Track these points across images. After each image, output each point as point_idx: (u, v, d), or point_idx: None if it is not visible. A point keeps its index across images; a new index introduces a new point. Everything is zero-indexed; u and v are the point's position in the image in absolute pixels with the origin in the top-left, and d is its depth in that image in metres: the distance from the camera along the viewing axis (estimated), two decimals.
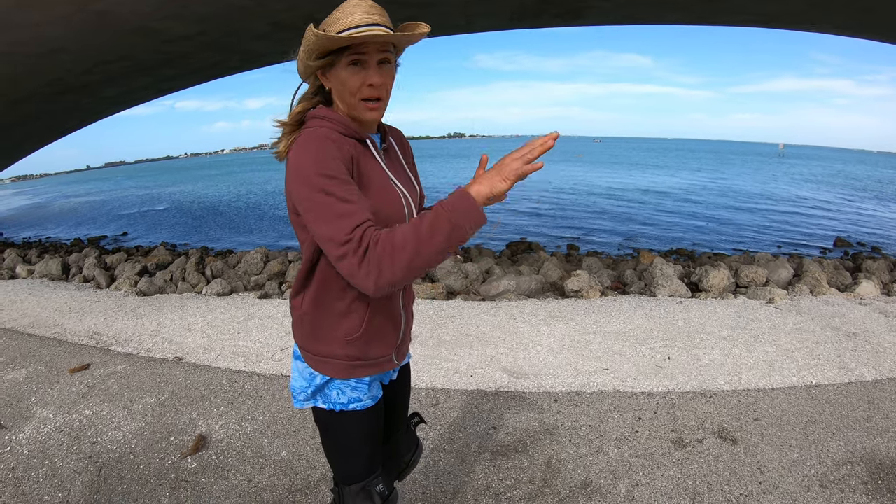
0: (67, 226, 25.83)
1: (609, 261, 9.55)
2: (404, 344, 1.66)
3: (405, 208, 1.46)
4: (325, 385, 1.52)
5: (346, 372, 1.50)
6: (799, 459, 2.89)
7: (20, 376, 4.34)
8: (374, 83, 1.34)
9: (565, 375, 3.99)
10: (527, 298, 6.19)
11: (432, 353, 4.47)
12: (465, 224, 1.16)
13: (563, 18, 14.06)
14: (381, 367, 1.57)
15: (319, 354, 1.50)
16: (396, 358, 1.63)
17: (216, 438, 3.25)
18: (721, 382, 3.84)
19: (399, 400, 1.84)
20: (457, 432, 3.24)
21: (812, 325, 4.97)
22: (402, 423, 1.88)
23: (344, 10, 1.31)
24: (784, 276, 6.83)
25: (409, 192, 1.51)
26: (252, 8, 11.38)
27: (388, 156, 1.53)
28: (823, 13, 12.01)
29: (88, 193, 52.10)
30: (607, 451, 3.01)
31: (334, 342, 1.48)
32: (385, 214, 1.38)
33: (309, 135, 1.31)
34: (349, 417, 1.54)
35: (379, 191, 1.40)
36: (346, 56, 1.31)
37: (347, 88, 1.35)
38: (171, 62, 15.63)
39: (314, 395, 1.55)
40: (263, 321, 5.46)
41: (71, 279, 8.74)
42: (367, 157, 1.41)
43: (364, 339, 1.49)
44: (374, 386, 1.58)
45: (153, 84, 18.69)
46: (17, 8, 9.96)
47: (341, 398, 1.52)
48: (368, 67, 1.33)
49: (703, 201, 25.76)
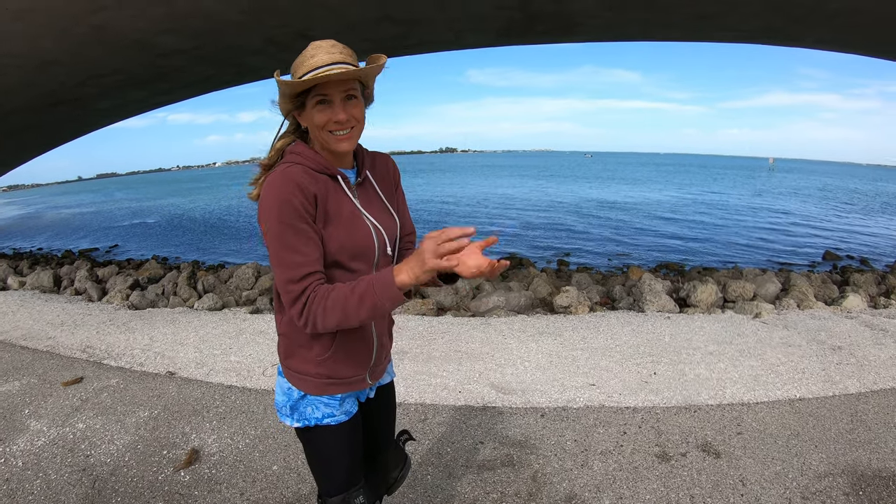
0: (59, 237, 25.73)
1: (598, 276, 9.64)
2: (378, 365, 1.72)
3: (375, 241, 1.53)
4: (300, 399, 1.60)
5: (319, 389, 1.58)
6: (781, 472, 2.96)
7: (13, 389, 4.36)
8: (339, 119, 1.42)
9: (552, 391, 4.05)
10: (516, 314, 6.26)
11: (422, 368, 4.52)
12: (387, 304, 1.32)
13: (552, 35, 14.21)
14: (354, 386, 1.64)
15: (295, 371, 1.59)
16: (370, 378, 1.69)
17: (208, 452, 3.29)
18: (706, 397, 3.91)
19: (382, 419, 1.90)
20: (444, 447, 3.29)
21: (798, 338, 5.06)
22: (390, 442, 1.94)
23: (307, 52, 1.41)
24: (772, 291, 6.92)
25: (385, 224, 1.58)
26: (246, 23, 11.47)
27: (363, 189, 1.60)
28: (804, 29, 12.20)
29: (80, 205, 51.90)
30: (592, 464, 3.07)
31: (308, 361, 1.57)
32: (353, 247, 1.48)
33: (277, 176, 1.40)
34: (324, 432, 1.61)
35: (348, 224, 1.48)
36: (311, 97, 1.41)
37: (316, 125, 1.44)
38: (166, 76, 15.70)
39: (291, 412, 1.62)
40: (255, 336, 5.50)
41: (62, 291, 8.76)
42: (338, 193, 1.49)
43: (334, 360, 1.57)
44: (346, 402, 1.65)
45: (147, 97, 18.74)
46: (13, 20, 10.02)
47: (315, 413, 1.60)
48: (334, 105, 1.41)
49: (694, 216, 25.91)
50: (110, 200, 57.48)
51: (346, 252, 1.47)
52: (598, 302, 6.94)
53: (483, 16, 12.33)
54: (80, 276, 9.06)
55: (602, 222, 23.58)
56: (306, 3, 10.47)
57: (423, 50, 15.86)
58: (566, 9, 11.71)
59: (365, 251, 1.51)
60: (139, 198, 59.46)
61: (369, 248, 1.52)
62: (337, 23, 11.46)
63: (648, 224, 23.01)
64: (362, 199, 1.56)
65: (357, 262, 1.51)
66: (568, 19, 12.48)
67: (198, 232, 25.45)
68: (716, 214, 26.92)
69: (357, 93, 1.45)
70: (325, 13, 10.99)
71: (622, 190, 44.39)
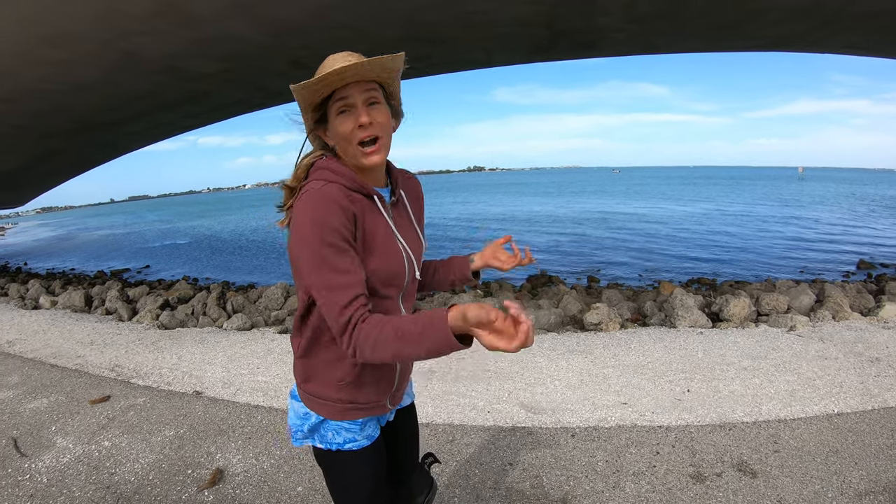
0: (91, 258, 26.28)
1: (629, 292, 9.49)
2: (399, 390, 1.67)
3: (405, 265, 1.48)
4: (319, 424, 1.55)
5: (339, 414, 1.52)
6: (820, 491, 2.83)
7: (41, 406, 4.42)
8: (363, 122, 1.35)
9: (583, 410, 3.96)
10: (546, 332, 6.17)
11: (450, 388, 4.46)
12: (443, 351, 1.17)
13: (578, 51, 14.18)
14: (374, 411, 1.59)
15: (314, 395, 1.53)
16: (390, 403, 1.64)
17: (233, 472, 3.27)
18: (741, 414, 3.78)
19: (405, 442, 1.84)
20: (472, 469, 3.22)
21: (834, 351, 4.90)
22: (414, 465, 1.88)
23: (323, 64, 1.37)
24: (806, 303, 6.73)
25: (413, 247, 1.53)
26: (271, 46, 11.66)
27: (397, 209, 1.54)
28: (829, 34, 11.98)
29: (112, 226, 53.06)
30: (624, 486, 2.97)
31: (328, 385, 1.51)
32: (386, 272, 1.42)
33: (314, 195, 1.32)
34: (346, 457, 1.56)
35: (383, 249, 1.42)
36: (333, 105, 1.36)
37: (342, 136, 1.37)
38: (195, 99, 16.02)
39: (311, 434, 1.57)
40: (283, 356, 5.50)
41: (93, 311, 8.87)
42: (374, 214, 1.42)
43: (356, 385, 1.51)
44: (368, 426, 1.59)
45: (177, 120, 19.11)
46: (46, 46, 10.33)
47: (336, 438, 1.54)
48: (357, 109, 1.35)
49: (723, 228, 25.54)
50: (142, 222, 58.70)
51: (380, 278, 1.40)
52: (628, 318, 6.81)
53: (509, 34, 12.35)
54: (110, 296, 9.18)
55: (630, 237, 23.35)
56: (330, 24, 10.62)
57: (451, 69, 15.93)
58: (592, 24, 11.68)
59: (397, 277, 1.46)
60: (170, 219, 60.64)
61: (401, 275, 1.47)
62: (362, 43, 11.52)
63: (677, 237, 22.71)
64: (396, 220, 1.51)
65: (389, 288, 1.45)
66: (594, 34, 12.46)
67: (227, 252, 25.79)
68: (745, 226, 26.50)
69: (380, 98, 1.39)
70: (349, 34, 11.12)
71: (650, 204, 44.00)
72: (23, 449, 3.68)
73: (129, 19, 9.59)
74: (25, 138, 17.01)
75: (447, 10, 10.64)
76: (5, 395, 4.76)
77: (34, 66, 11.37)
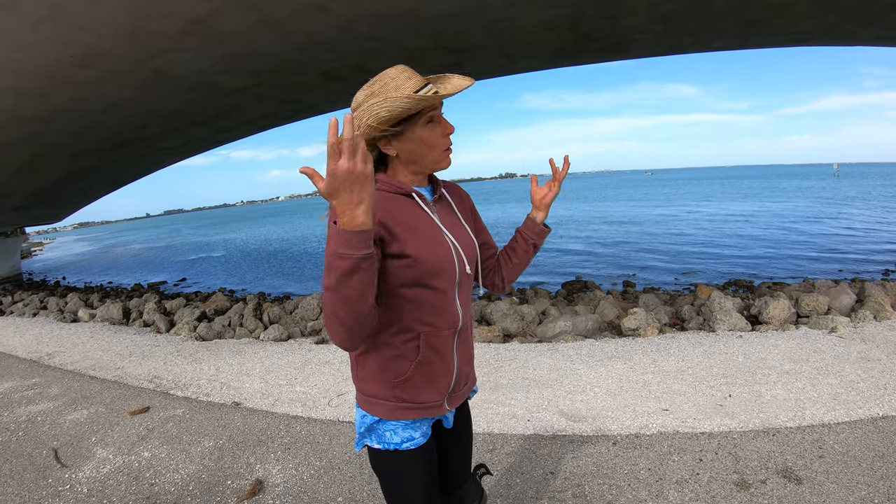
0: (128, 271, 26.84)
1: (666, 297, 9.37)
2: (456, 392, 1.64)
3: (455, 259, 1.49)
4: (374, 425, 1.54)
5: (394, 413, 1.52)
6: (866, 497, 2.74)
7: (81, 417, 4.50)
8: (450, 131, 1.49)
9: (624, 417, 3.90)
10: (584, 339, 6.11)
11: (489, 397, 4.43)
12: (335, 250, 1.14)
13: (606, 53, 14.04)
14: (430, 411, 1.57)
15: (368, 394, 1.54)
16: (448, 404, 1.62)
17: (273, 483, 3.29)
18: (784, 419, 3.69)
19: (460, 451, 1.82)
20: (514, 478, 3.19)
21: (877, 352, 4.76)
22: (466, 476, 1.86)
23: (395, 80, 1.40)
24: (846, 303, 6.57)
25: (463, 243, 1.55)
26: (302, 60, 11.78)
27: (441, 205, 1.59)
28: (859, 25, 11.69)
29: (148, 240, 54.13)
30: (667, 494, 2.91)
31: (383, 383, 1.51)
32: (432, 263, 1.43)
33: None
34: (402, 457, 1.54)
35: (427, 240, 1.45)
36: (422, 117, 1.43)
37: (429, 144, 1.47)
38: (226, 114, 16.25)
39: (368, 434, 1.57)
40: (321, 367, 5.53)
41: (131, 323, 9.05)
42: (414, 209, 1.48)
43: (412, 383, 1.51)
44: (424, 425, 1.58)
45: (209, 135, 19.40)
46: (79, 66, 10.59)
47: (393, 438, 1.54)
48: (441, 121, 1.47)
49: (760, 229, 25.12)
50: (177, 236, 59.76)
51: (428, 268, 1.43)
52: (666, 323, 6.72)
53: (535, 40, 12.31)
54: (148, 309, 9.35)
55: (665, 240, 23.11)
56: (360, 36, 10.70)
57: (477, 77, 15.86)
58: (618, 26, 11.58)
59: (445, 268, 1.47)
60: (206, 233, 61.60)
61: (450, 265, 1.48)
62: (393, 54, 11.64)
63: (712, 239, 22.40)
64: (440, 214, 1.56)
65: (439, 280, 1.46)
66: (621, 36, 12.34)
67: (263, 264, 26.12)
68: (781, 225, 26.04)
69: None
70: (379, 45, 11.18)
71: (681, 206, 43.42)
72: (63, 460, 3.75)
73: (160, 38, 9.78)
74: (61, 156, 17.45)
75: (475, 19, 10.65)
76: (46, 406, 4.87)
77: (68, 86, 11.66)
